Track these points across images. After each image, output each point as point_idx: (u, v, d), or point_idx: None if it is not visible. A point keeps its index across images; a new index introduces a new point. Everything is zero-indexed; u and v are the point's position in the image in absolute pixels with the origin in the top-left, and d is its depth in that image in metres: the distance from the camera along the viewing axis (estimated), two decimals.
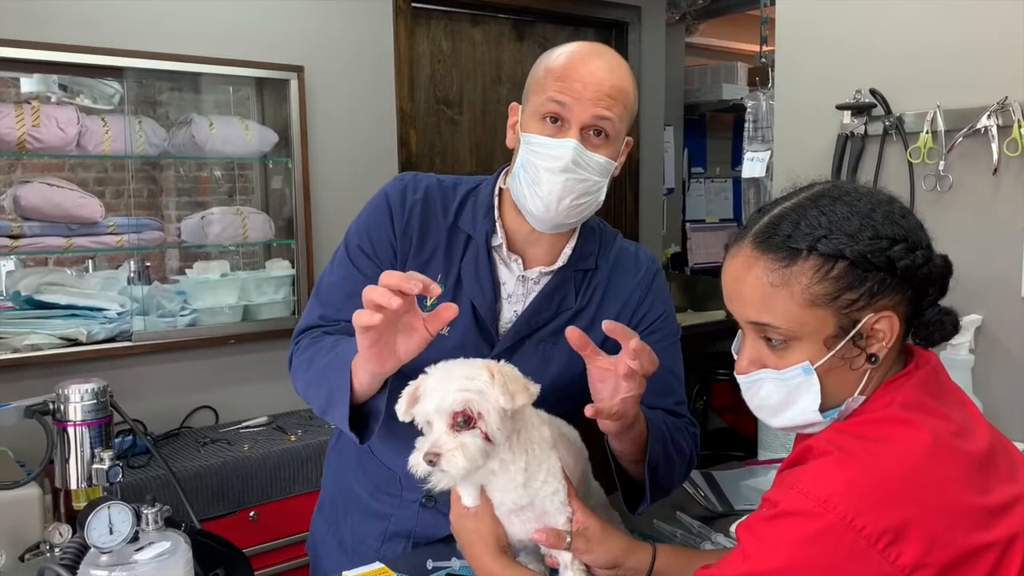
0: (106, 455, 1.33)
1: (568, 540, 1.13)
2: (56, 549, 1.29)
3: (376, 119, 3.31)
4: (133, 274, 2.88)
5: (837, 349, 0.91)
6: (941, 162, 1.87)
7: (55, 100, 2.73)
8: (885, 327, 0.91)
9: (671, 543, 1.41)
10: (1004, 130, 1.77)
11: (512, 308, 1.36)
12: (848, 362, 0.93)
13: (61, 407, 1.34)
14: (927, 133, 1.88)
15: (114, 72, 2.74)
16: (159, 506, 1.08)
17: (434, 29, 3.60)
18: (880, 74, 1.99)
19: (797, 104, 2.20)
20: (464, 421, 1.03)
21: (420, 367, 1.11)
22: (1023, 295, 1.78)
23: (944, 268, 0.95)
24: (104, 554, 1.02)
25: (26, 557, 1.38)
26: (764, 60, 3.75)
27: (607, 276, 1.39)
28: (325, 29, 3.14)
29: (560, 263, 1.36)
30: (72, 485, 1.33)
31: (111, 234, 2.78)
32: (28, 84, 2.78)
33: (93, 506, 1.03)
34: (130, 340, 2.74)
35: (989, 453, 0.90)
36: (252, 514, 2.57)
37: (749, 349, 0.97)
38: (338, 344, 1.27)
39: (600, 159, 1.26)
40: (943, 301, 0.97)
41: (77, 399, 1.33)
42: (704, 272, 4.77)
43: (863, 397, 0.95)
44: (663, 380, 1.38)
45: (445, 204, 1.37)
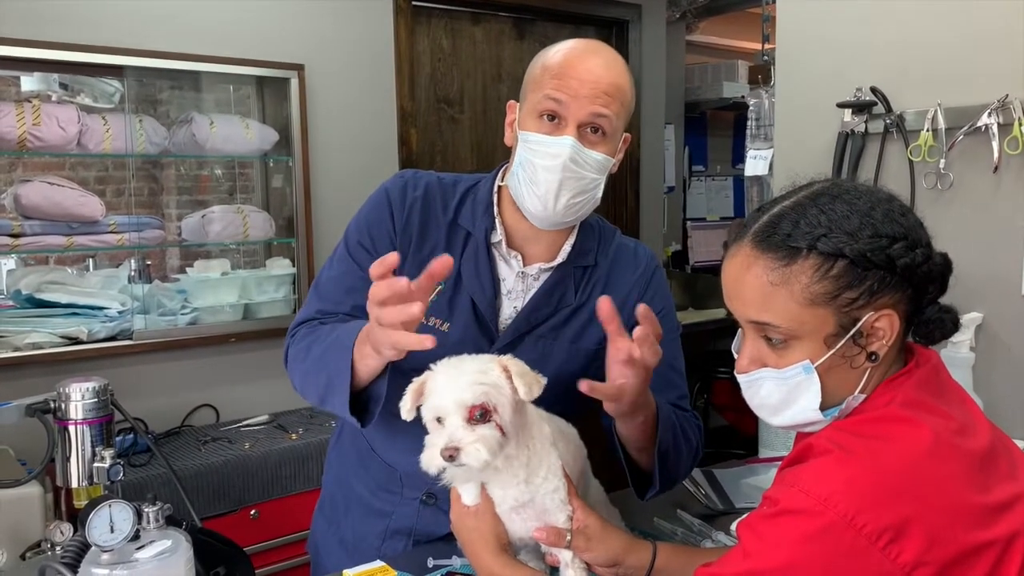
0: (107, 453, 1.33)
1: (568, 538, 1.13)
2: (57, 548, 1.29)
3: (376, 117, 3.31)
4: (134, 273, 2.88)
5: (837, 348, 0.91)
6: (942, 160, 1.87)
7: (56, 99, 2.73)
8: (885, 325, 0.91)
9: (671, 541, 1.41)
10: (1005, 128, 1.76)
11: (512, 304, 1.36)
12: (848, 360, 0.93)
13: (62, 406, 1.34)
14: (928, 131, 1.88)
15: (115, 71, 2.74)
16: (160, 504, 1.09)
17: (434, 27, 3.60)
18: (881, 72, 1.99)
19: (798, 102, 2.20)
20: (481, 415, 1.03)
21: (421, 366, 1.11)
22: (1023, 293, 1.78)
23: (944, 266, 0.95)
24: (105, 552, 1.02)
25: (27, 555, 1.38)
26: (766, 58, 3.75)
27: (606, 272, 1.39)
28: (325, 28, 3.14)
29: (560, 260, 1.36)
30: (73, 483, 1.34)
31: (112, 233, 2.78)
32: (29, 83, 2.78)
33: (94, 504, 1.03)
34: (131, 339, 2.74)
35: (990, 451, 0.90)
36: (253, 512, 2.57)
37: (749, 348, 0.97)
38: (335, 330, 1.27)
39: (598, 156, 1.26)
40: (943, 299, 0.97)
41: (78, 398, 1.34)
42: (705, 270, 4.76)
43: (863, 395, 0.95)
44: (664, 375, 1.38)
45: (445, 201, 1.38)
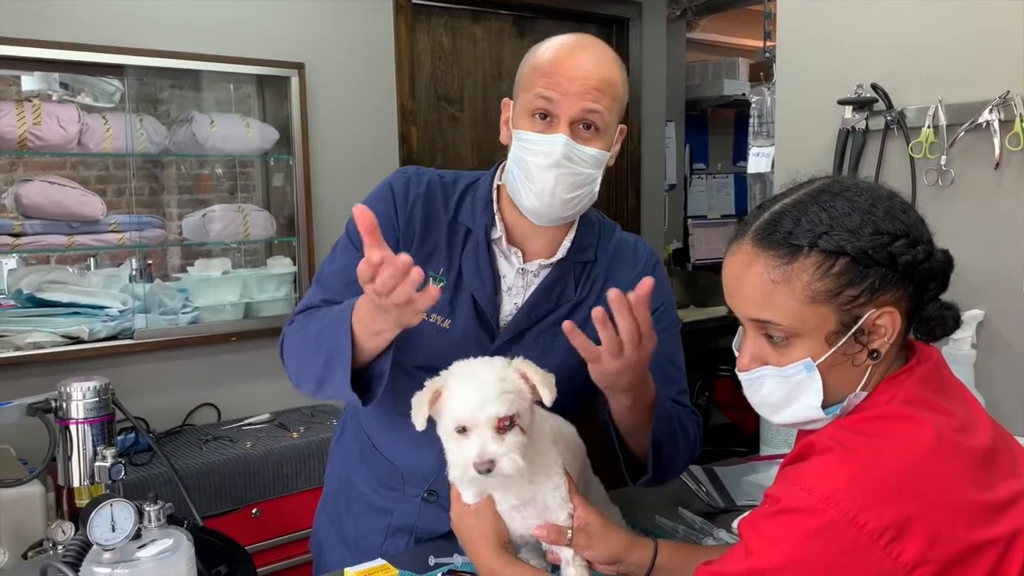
0: (108, 453, 1.34)
1: (569, 536, 1.13)
2: (59, 547, 1.29)
3: (377, 116, 3.31)
4: (135, 272, 2.88)
5: (839, 345, 0.91)
6: (943, 157, 1.87)
7: (56, 98, 2.73)
8: (887, 323, 0.91)
9: (673, 539, 1.41)
10: (1006, 124, 1.76)
11: (512, 301, 1.36)
12: (850, 358, 0.92)
13: (63, 405, 1.34)
14: (928, 128, 1.88)
15: (115, 70, 2.74)
16: (161, 503, 1.09)
17: (435, 26, 3.60)
18: (881, 69, 1.99)
19: (799, 99, 2.20)
20: (508, 423, 1.05)
21: (423, 363, 1.11)
22: None
23: (945, 263, 0.95)
24: (107, 551, 1.02)
25: (29, 555, 1.39)
26: (767, 55, 3.75)
27: (606, 268, 1.39)
28: (326, 26, 3.14)
29: (559, 255, 1.36)
30: (75, 483, 1.34)
31: (112, 232, 2.78)
32: (29, 82, 2.78)
33: (96, 504, 1.03)
34: (132, 338, 2.74)
35: (991, 449, 0.90)
36: (255, 511, 2.57)
37: (750, 346, 0.97)
38: (330, 311, 1.26)
39: (592, 152, 1.26)
40: (945, 296, 0.97)
41: (79, 397, 1.34)
42: (706, 268, 4.76)
43: (865, 393, 0.94)
44: (664, 371, 1.38)
45: (446, 199, 1.38)
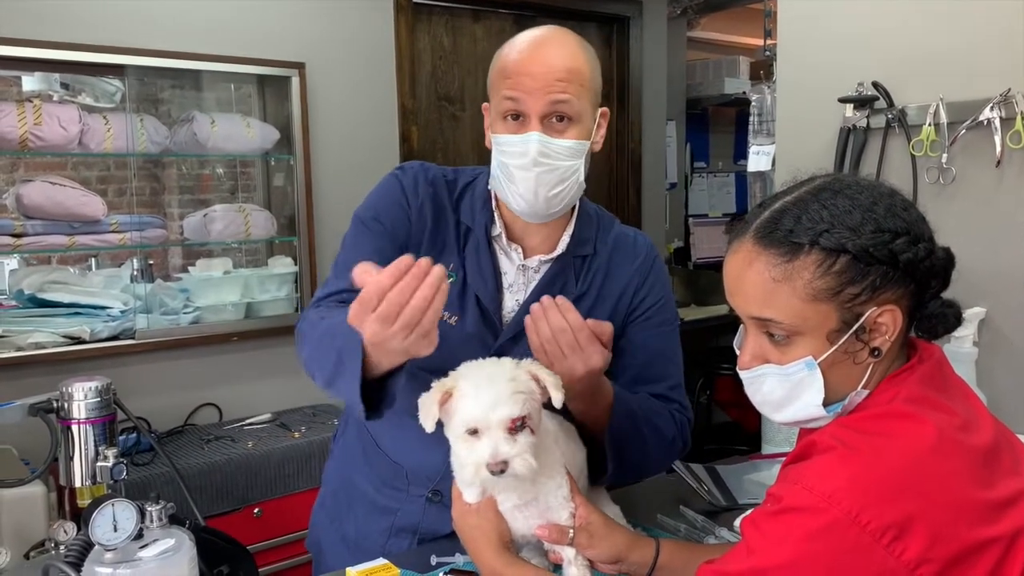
0: (110, 453, 1.33)
1: (571, 535, 1.13)
2: (61, 547, 1.29)
3: (377, 115, 3.31)
4: (136, 272, 2.88)
5: (840, 344, 0.91)
6: (944, 155, 1.86)
7: (57, 98, 2.73)
8: (888, 321, 0.91)
9: (675, 537, 1.41)
10: (1007, 122, 1.76)
11: (514, 297, 1.36)
12: (851, 356, 0.92)
13: (65, 405, 1.34)
14: (930, 126, 1.88)
15: (115, 70, 2.74)
16: (163, 503, 1.09)
17: (435, 25, 3.60)
18: (882, 67, 1.98)
19: (799, 97, 2.19)
20: (520, 424, 1.06)
21: (427, 363, 1.11)
22: None
23: (946, 260, 0.94)
24: (108, 551, 1.02)
25: (31, 555, 1.39)
26: (768, 53, 3.74)
27: (606, 261, 1.39)
28: (326, 26, 3.14)
29: (559, 250, 1.36)
30: (76, 483, 1.34)
31: (114, 232, 2.78)
32: (30, 83, 2.78)
33: (97, 504, 1.03)
34: (133, 338, 2.74)
35: (993, 447, 0.90)
36: (256, 511, 2.57)
37: (751, 344, 0.97)
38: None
39: (567, 143, 1.26)
40: (946, 293, 0.97)
41: (81, 397, 1.34)
42: (707, 267, 4.76)
43: (866, 391, 0.94)
44: (658, 365, 1.39)
45: (450, 195, 1.38)
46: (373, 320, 0.99)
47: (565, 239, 1.37)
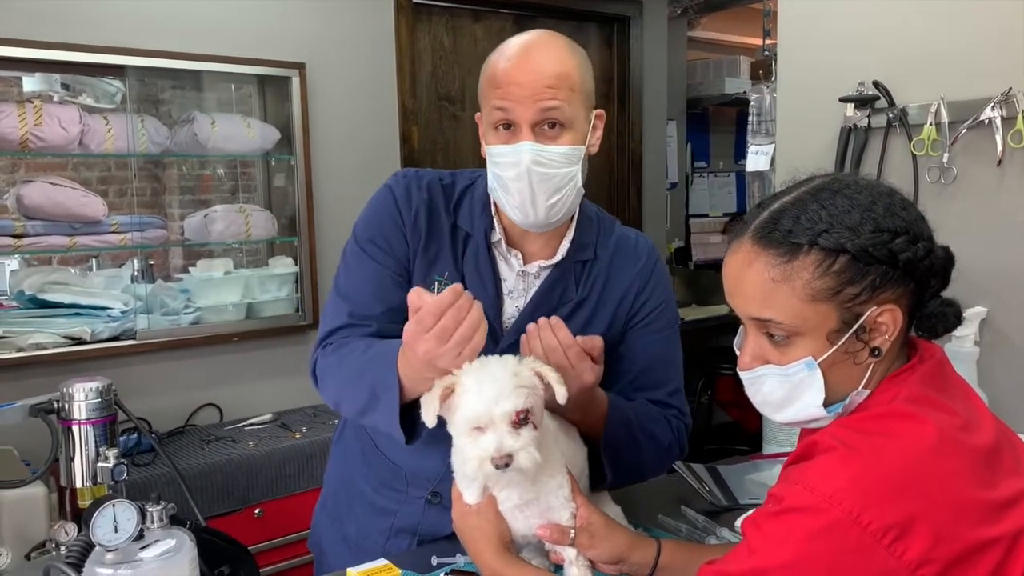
0: (111, 453, 1.33)
1: (572, 536, 1.13)
2: (62, 547, 1.29)
3: (378, 115, 3.31)
4: (136, 272, 2.88)
5: (840, 344, 0.91)
6: (945, 154, 1.86)
7: (57, 99, 2.73)
8: (888, 320, 0.91)
9: (676, 538, 1.41)
10: (1008, 121, 1.76)
11: (514, 303, 1.36)
12: (851, 356, 0.92)
13: (66, 406, 1.34)
14: (931, 125, 1.87)
15: (116, 71, 2.74)
16: (164, 504, 1.09)
17: (435, 25, 3.60)
18: (883, 66, 1.98)
19: (800, 97, 2.19)
20: (523, 418, 1.06)
21: None
22: None
23: (946, 259, 0.94)
24: (109, 552, 1.02)
25: (32, 555, 1.39)
26: (767, 53, 3.74)
27: (607, 265, 1.39)
28: (326, 26, 3.14)
29: (559, 256, 1.36)
30: (77, 483, 1.34)
31: (114, 233, 2.78)
32: (30, 83, 2.78)
33: (98, 504, 1.03)
34: (134, 338, 2.74)
35: (995, 447, 0.90)
36: (257, 511, 2.57)
37: (751, 345, 0.97)
38: (373, 345, 1.26)
39: (561, 150, 1.25)
40: (947, 293, 0.97)
41: (82, 398, 1.34)
42: (707, 266, 4.76)
43: (867, 391, 0.94)
44: (657, 371, 1.38)
45: (446, 201, 1.37)
46: (430, 338, 1.06)
47: (565, 245, 1.36)
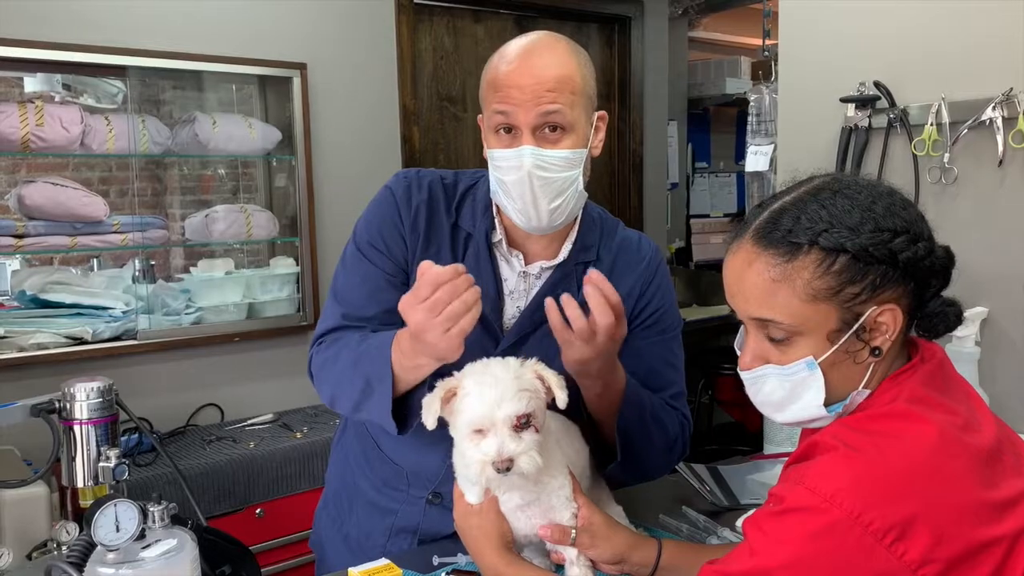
0: (112, 453, 1.33)
1: (573, 536, 1.13)
2: (63, 547, 1.30)
3: (379, 116, 3.31)
4: (138, 272, 2.88)
5: (840, 343, 0.91)
6: (946, 154, 1.86)
7: (59, 99, 2.74)
8: (888, 320, 0.91)
9: (677, 538, 1.41)
10: (1009, 122, 1.76)
11: (515, 304, 1.36)
12: (852, 356, 0.92)
13: (67, 406, 1.34)
14: (932, 125, 1.87)
15: (117, 71, 2.74)
16: (165, 504, 1.09)
17: (436, 25, 3.60)
18: (884, 66, 1.98)
19: (801, 97, 2.19)
20: (525, 422, 1.06)
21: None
22: None
23: (946, 259, 0.94)
24: (111, 552, 1.02)
25: (33, 555, 1.39)
26: (767, 54, 3.74)
27: (609, 267, 1.38)
28: (328, 26, 3.14)
29: (561, 257, 1.36)
30: (79, 483, 1.34)
31: (115, 233, 2.78)
32: (32, 84, 2.79)
33: (100, 504, 1.03)
34: (135, 338, 2.74)
35: (996, 447, 0.90)
36: (258, 511, 2.57)
37: (752, 345, 0.97)
38: (367, 338, 1.27)
39: (563, 154, 1.24)
40: (947, 293, 0.97)
41: (83, 398, 1.34)
42: (708, 267, 4.76)
43: (868, 391, 0.94)
44: (659, 373, 1.38)
45: (448, 202, 1.37)
46: (422, 308, 1.09)
47: (567, 246, 1.36)
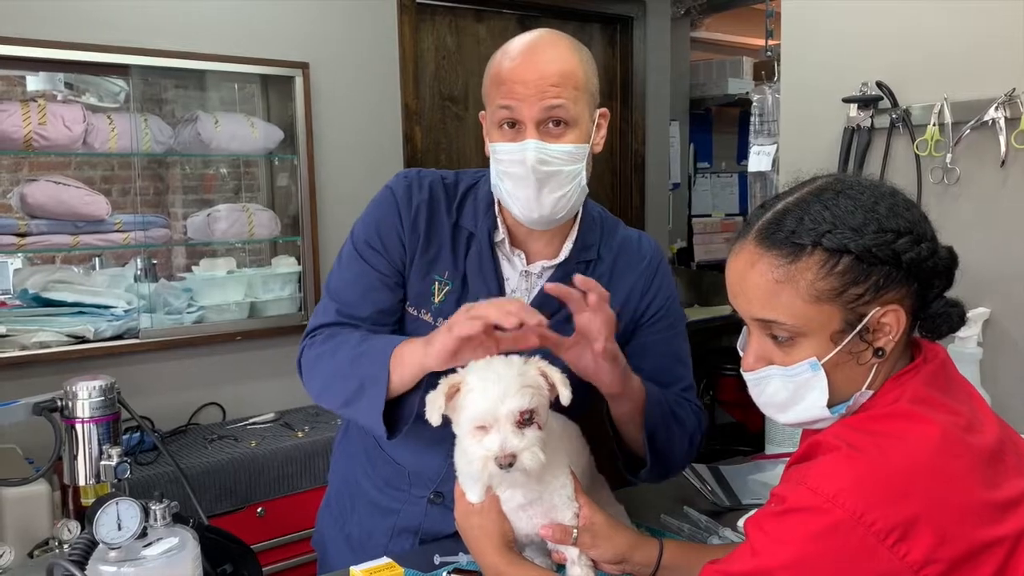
0: (114, 452, 1.34)
1: (575, 535, 1.13)
2: (65, 545, 1.30)
3: (381, 116, 3.31)
4: (140, 271, 2.88)
5: (844, 344, 0.91)
6: (948, 155, 1.86)
7: (61, 98, 2.74)
8: (892, 320, 0.91)
9: (678, 538, 1.41)
10: (1012, 122, 1.76)
11: None
12: (855, 357, 0.92)
13: (69, 404, 1.34)
14: (934, 125, 1.87)
15: (120, 70, 2.74)
16: (167, 502, 1.09)
17: (438, 25, 3.60)
18: (886, 66, 1.98)
19: (803, 97, 2.19)
20: (528, 418, 1.06)
21: None
22: None
23: (949, 260, 0.94)
24: (113, 550, 1.02)
25: (35, 553, 1.39)
26: (769, 54, 3.74)
27: (610, 266, 1.39)
28: (330, 26, 3.14)
29: (562, 257, 1.36)
30: (80, 482, 1.34)
31: (118, 232, 2.78)
32: (34, 82, 2.79)
33: (101, 502, 1.04)
34: (137, 337, 2.74)
35: (998, 447, 0.90)
36: (260, 510, 2.57)
37: (755, 346, 0.97)
38: (367, 339, 1.27)
39: (566, 148, 1.25)
40: (950, 293, 0.97)
41: (85, 396, 1.34)
42: (710, 267, 4.76)
43: (871, 392, 0.94)
44: (668, 368, 1.39)
45: (448, 202, 1.38)
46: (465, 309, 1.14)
47: (568, 245, 1.36)
